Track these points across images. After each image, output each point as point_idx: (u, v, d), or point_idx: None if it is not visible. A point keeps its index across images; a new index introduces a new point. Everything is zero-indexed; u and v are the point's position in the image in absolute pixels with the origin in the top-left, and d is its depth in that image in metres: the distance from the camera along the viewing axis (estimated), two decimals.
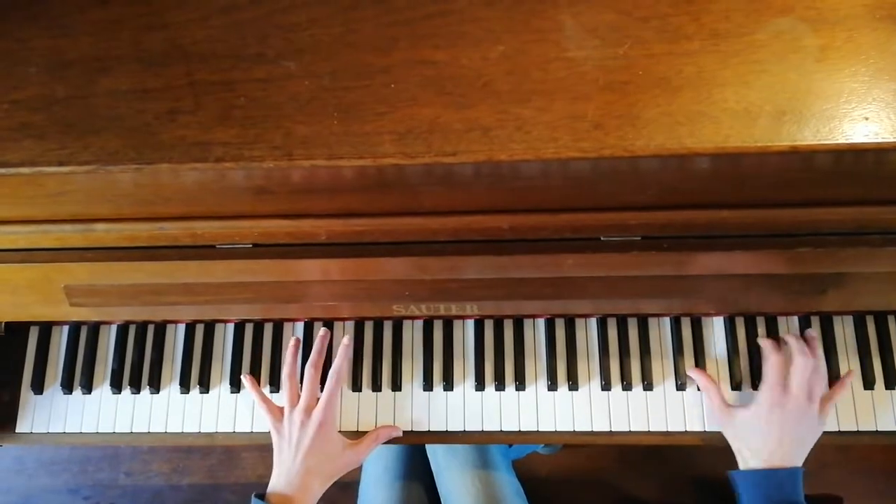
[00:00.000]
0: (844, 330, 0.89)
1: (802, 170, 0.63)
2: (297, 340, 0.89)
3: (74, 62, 0.61)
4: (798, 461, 0.77)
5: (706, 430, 0.87)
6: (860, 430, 0.86)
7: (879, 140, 0.55)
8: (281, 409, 0.85)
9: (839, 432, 0.86)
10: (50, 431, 0.92)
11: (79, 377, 0.93)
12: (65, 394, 0.93)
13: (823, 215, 0.68)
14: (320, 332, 0.90)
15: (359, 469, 1.05)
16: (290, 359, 0.87)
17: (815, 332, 0.86)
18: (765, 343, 0.84)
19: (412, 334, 0.93)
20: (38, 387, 0.92)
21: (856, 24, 0.58)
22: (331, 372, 0.86)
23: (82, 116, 0.60)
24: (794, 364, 0.80)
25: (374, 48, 0.60)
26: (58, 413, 0.93)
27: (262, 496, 0.79)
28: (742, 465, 0.79)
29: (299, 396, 0.85)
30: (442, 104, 0.59)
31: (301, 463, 0.80)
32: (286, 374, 0.86)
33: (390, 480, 0.98)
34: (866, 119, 0.56)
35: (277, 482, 0.81)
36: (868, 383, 0.86)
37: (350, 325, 0.93)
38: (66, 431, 0.92)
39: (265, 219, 0.73)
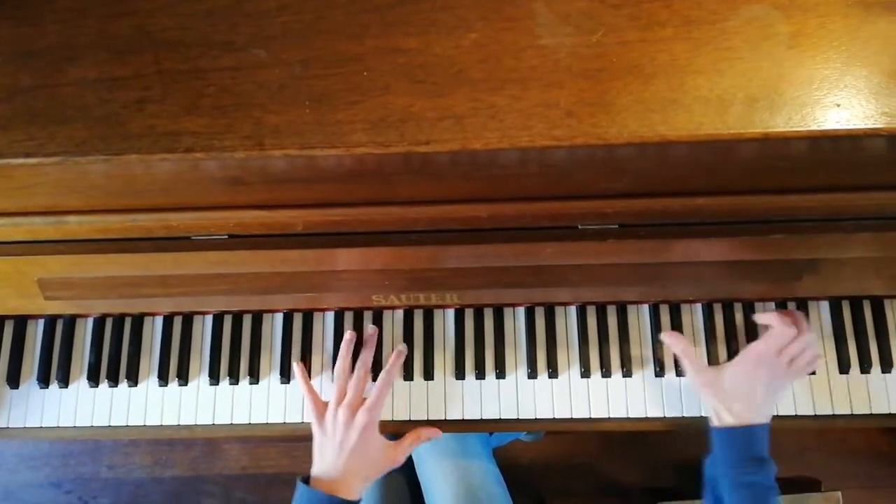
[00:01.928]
0: (820, 315, 0.90)
1: (776, 157, 0.63)
2: (353, 335, 0.87)
3: (40, 51, 0.60)
4: (768, 417, 0.79)
5: (684, 415, 0.88)
6: (836, 413, 0.87)
7: (851, 126, 0.56)
8: (325, 404, 0.84)
9: (815, 416, 0.87)
10: (27, 426, 0.91)
11: (55, 371, 0.92)
12: (41, 388, 0.92)
13: (797, 202, 0.69)
14: (369, 329, 0.89)
15: None
16: (345, 353, 0.85)
17: (797, 311, 0.87)
18: (774, 317, 0.83)
19: (392, 325, 0.92)
20: (13, 381, 0.91)
21: (827, 11, 0.58)
22: (382, 374, 0.84)
23: (49, 106, 0.59)
24: (796, 338, 0.80)
25: (345, 36, 0.59)
26: (34, 407, 0.92)
27: (306, 480, 0.79)
28: (720, 423, 0.79)
29: (346, 393, 0.83)
30: (415, 92, 0.58)
31: (344, 463, 0.79)
32: (340, 370, 0.84)
33: None
34: (838, 106, 0.56)
35: (320, 475, 0.79)
36: (843, 367, 0.87)
37: (330, 315, 0.93)
38: (44, 426, 0.91)
39: (240, 209, 0.72)
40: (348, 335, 0.87)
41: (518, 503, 1.01)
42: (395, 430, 0.90)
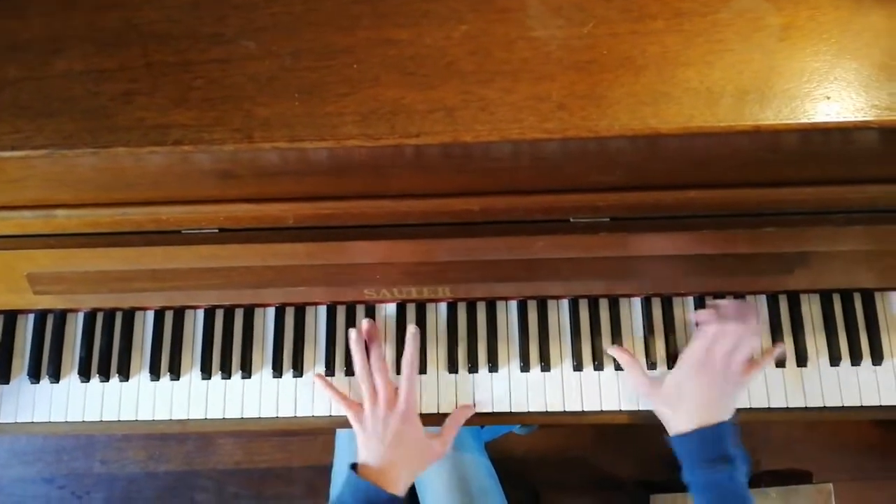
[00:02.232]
0: (811, 308, 0.90)
1: (767, 149, 0.63)
2: (359, 335, 0.86)
3: (27, 43, 0.60)
4: (726, 416, 0.79)
5: None
6: (826, 405, 0.87)
7: (841, 119, 0.56)
8: (360, 405, 0.83)
9: (806, 408, 0.88)
10: (18, 421, 0.91)
11: (46, 366, 0.91)
12: (32, 383, 0.91)
13: (788, 195, 0.69)
14: (365, 324, 0.87)
15: (332, 454, 1.05)
16: (359, 355, 0.85)
17: (752, 302, 0.86)
18: (701, 313, 0.84)
19: (385, 318, 0.92)
20: (3, 376, 0.91)
21: (818, 3, 0.58)
22: (404, 363, 0.84)
23: (36, 99, 0.58)
24: (724, 329, 0.80)
25: (336, 27, 0.59)
26: (25, 403, 0.91)
27: (354, 467, 0.79)
28: (672, 431, 0.80)
29: (375, 390, 0.83)
30: (405, 85, 0.58)
31: (389, 455, 0.79)
32: (361, 370, 0.84)
33: None
34: (828, 98, 0.56)
35: (367, 463, 0.79)
36: (834, 360, 0.88)
37: (322, 309, 0.93)
38: (35, 421, 0.91)
39: (231, 203, 0.72)
40: (354, 335, 0.86)
41: (512, 496, 1.01)
42: None
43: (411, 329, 0.86)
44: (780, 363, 0.88)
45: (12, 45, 0.59)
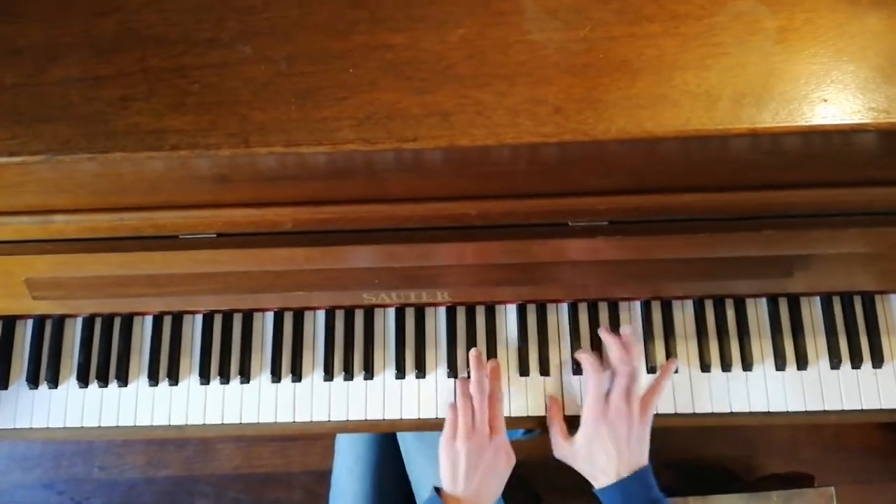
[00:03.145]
0: (812, 311, 0.90)
1: (764, 152, 0.63)
2: (479, 358, 0.86)
3: (23, 49, 0.60)
4: (644, 460, 0.80)
5: (677, 412, 0.88)
6: (827, 409, 0.87)
7: (838, 122, 0.56)
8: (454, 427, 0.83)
9: (807, 412, 0.87)
10: (16, 427, 0.91)
11: (44, 371, 0.91)
12: (30, 389, 0.91)
13: (786, 198, 0.69)
14: (473, 352, 0.86)
15: (331, 459, 1.05)
16: (476, 374, 0.85)
17: (629, 329, 0.86)
18: (583, 360, 0.84)
19: (384, 323, 0.92)
20: (2, 382, 0.91)
21: (815, 6, 0.57)
22: (492, 399, 0.83)
23: (33, 105, 0.58)
24: (614, 376, 0.82)
25: (332, 32, 0.59)
26: (24, 408, 0.91)
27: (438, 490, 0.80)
28: (597, 485, 0.80)
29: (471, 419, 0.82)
30: (402, 89, 0.58)
31: (478, 488, 0.79)
32: (462, 395, 0.84)
33: (362, 471, 0.98)
34: (825, 101, 0.56)
35: (452, 494, 0.79)
36: (834, 363, 0.87)
37: (321, 314, 0.92)
38: (33, 427, 0.91)
39: (228, 208, 0.72)
40: (475, 353, 0.85)
41: (513, 500, 1.01)
42: (382, 429, 0.89)
43: (492, 363, 0.86)
44: (781, 367, 0.87)
45: (9, 51, 0.59)
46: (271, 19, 0.59)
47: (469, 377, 0.86)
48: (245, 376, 0.90)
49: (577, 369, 0.89)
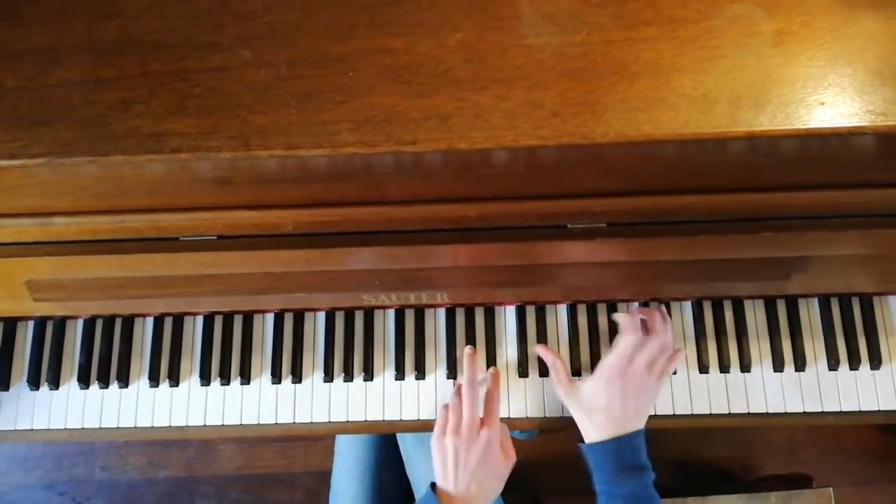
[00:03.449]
0: (810, 312, 0.90)
1: (762, 155, 0.63)
2: (473, 357, 0.86)
3: (25, 52, 0.60)
4: (639, 426, 0.79)
5: (676, 413, 0.88)
6: (825, 410, 0.87)
7: (835, 125, 0.56)
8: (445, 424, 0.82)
9: (805, 413, 0.87)
10: (17, 428, 0.91)
11: (45, 373, 0.91)
12: (32, 390, 0.91)
13: (784, 200, 0.69)
14: (467, 350, 0.86)
15: (332, 460, 1.05)
16: (470, 372, 0.84)
17: (665, 311, 0.86)
18: (622, 319, 0.84)
19: (384, 324, 0.92)
20: (3, 383, 0.91)
21: (812, 9, 0.58)
22: (488, 398, 0.83)
23: (34, 108, 0.58)
24: (647, 339, 0.81)
25: (331, 36, 0.59)
26: (25, 409, 0.91)
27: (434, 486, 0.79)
28: (587, 439, 0.79)
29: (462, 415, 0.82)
30: (400, 92, 0.58)
31: (468, 483, 0.78)
32: (457, 392, 0.83)
33: (361, 472, 0.98)
34: (822, 104, 0.56)
35: (446, 490, 0.79)
36: (833, 364, 0.88)
37: (321, 315, 0.93)
38: (34, 428, 0.91)
39: (229, 210, 0.72)
40: (469, 350, 0.85)
41: (513, 501, 1.01)
42: (381, 430, 0.90)
43: (492, 370, 0.87)
44: (779, 368, 0.88)
45: (10, 54, 0.60)
46: (271, 23, 0.60)
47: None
48: (245, 377, 0.91)
49: (575, 371, 0.89)
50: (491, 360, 0.90)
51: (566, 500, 1.46)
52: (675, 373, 0.88)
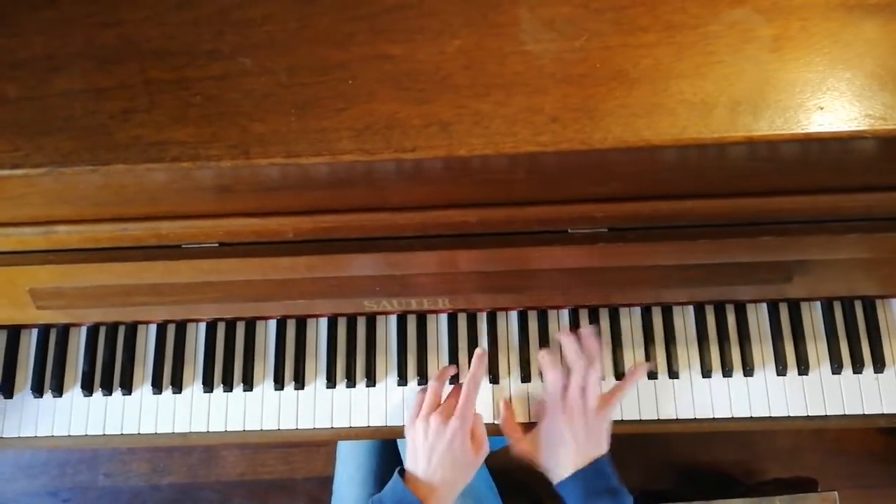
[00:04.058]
0: (812, 316, 0.90)
1: (761, 159, 0.63)
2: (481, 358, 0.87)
3: (26, 62, 0.60)
4: (601, 451, 0.80)
5: (678, 417, 0.88)
6: (828, 414, 0.87)
7: (834, 129, 0.56)
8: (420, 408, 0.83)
9: (808, 417, 0.87)
10: (21, 436, 0.91)
11: (49, 380, 0.92)
12: (35, 397, 0.92)
13: (785, 204, 0.69)
14: (478, 350, 0.87)
15: (333, 466, 1.05)
16: (444, 372, 0.87)
17: (587, 330, 0.86)
18: (542, 360, 0.86)
19: (386, 330, 0.93)
20: (7, 391, 0.91)
21: (809, 14, 0.58)
22: (468, 380, 0.83)
23: (35, 117, 0.59)
24: (570, 375, 0.82)
25: (330, 43, 0.60)
26: (29, 417, 0.92)
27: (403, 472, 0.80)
28: (557, 479, 0.80)
29: (439, 404, 0.83)
30: (400, 99, 0.58)
31: (435, 471, 0.79)
32: (434, 377, 0.85)
33: (363, 478, 0.98)
34: (821, 108, 0.56)
35: (414, 476, 0.79)
36: (836, 368, 0.87)
37: (323, 321, 0.93)
38: (38, 435, 0.91)
39: (230, 217, 0.72)
40: (479, 351, 0.86)
41: None
42: (384, 436, 0.90)
43: (479, 350, 0.87)
44: (782, 372, 0.88)
45: (11, 64, 0.60)
46: (271, 32, 0.60)
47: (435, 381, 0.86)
48: (248, 384, 0.91)
49: (523, 377, 0.89)
50: (493, 365, 0.90)
51: None
52: (676, 376, 0.88)
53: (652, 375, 0.88)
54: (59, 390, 0.91)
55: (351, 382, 0.90)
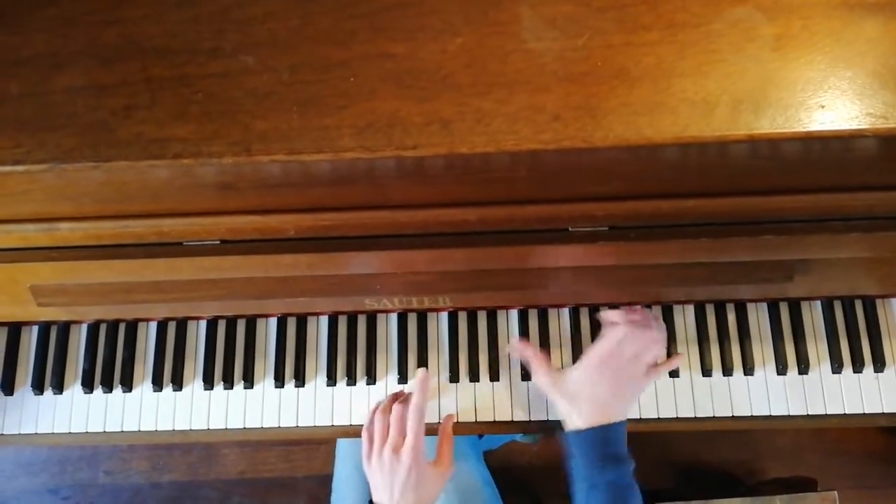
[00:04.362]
0: (813, 315, 0.90)
1: (762, 158, 0.63)
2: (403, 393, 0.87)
3: (28, 59, 0.60)
4: (622, 416, 0.79)
5: (679, 416, 0.88)
6: (828, 413, 0.87)
7: (836, 128, 0.56)
8: (372, 444, 0.82)
9: (808, 416, 0.87)
10: (22, 433, 0.92)
11: (49, 377, 0.92)
12: (36, 394, 0.92)
13: (786, 203, 0.69)
14: (419, 373, 0.85)
15: (332, 464, 1.05)
16: (389, 397, 0.86)
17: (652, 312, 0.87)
18: (615, 314, 0.84)
19: (386, 328, 0.93)
20: (8, 388, 0.92)
21: (811, 13, 0.58)
22: (412, 410, 0.81)
23: (37, 114, 0.59)
24: (634, 331, 0.81)
25: (332, 41, 0.60)
26: (29, 414, 0.92)
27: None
28: (571, 427, 0.79)
29: (388, 433, 0.81)
30: (402, 97, 0.58)
31: (399, 501, 0.78)
32: (380, 410, 0.83)
33: (361, 477, 0.98)
34: (822, 107, 0.56)
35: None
36: (836, 367, 0.87)
37: (324, 319, 0.93)
38: (39, 432, 0.91)
39: (232, 215, 0.73)
40: (421, 374, 0.84)
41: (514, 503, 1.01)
42: None
43: (419, 374, 0.84)
44: (782, 371, 0.88)
45: (14, 61, 0.60)
46: (272, 29, 0.60)
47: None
48: (249, 381, 0.91)
49: (524, 375, 0.89)
50: (494, 364, 0.90)
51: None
52: (676, 375, 0.88)
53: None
54: (59, 387, 0.91)
55: (351, 380, 0.90)
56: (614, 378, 0.79)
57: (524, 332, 0.91)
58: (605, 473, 0.75)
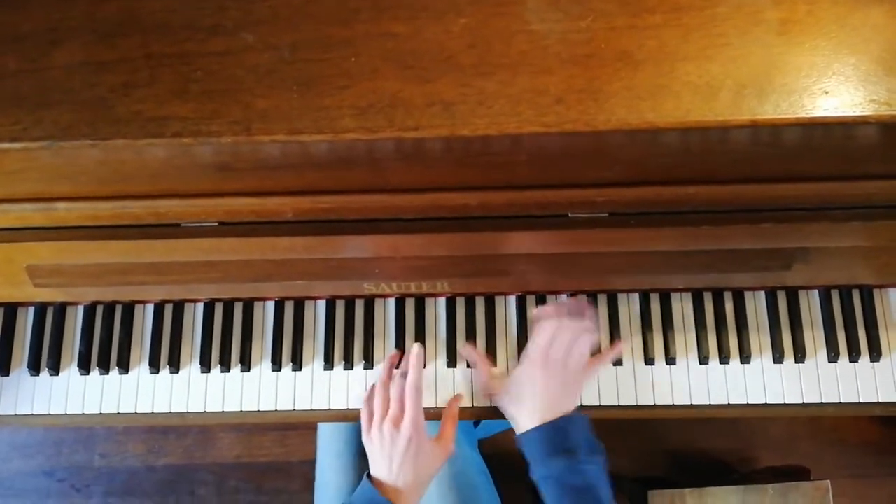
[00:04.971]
0: (810, 304, 0.90)
1: (765, 144, 0.63)
2: (397, 353, 0.88)
3: (26, 35, 0.60)
4: (570, 408, 0.80)
5: (674, 403, 0.88)
6: (824, 402, 0.87)
7: (839, 114, 0.56)
8: (372, 418, 0.83)
9: (804, 404, 0.88)
10: (17, 413, 0.91)
11: (46, 358, 0.92)
12: (32, 375, 0.91)
13: (786, 191, 0.69)
14: (414, 348, 0.85)
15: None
16: (387, 367, 0.86)
17: (583, 297, 0.88)
18: (540, 310, 0.85)
19: (384, 313, 0.93)
20: (3, 369, 0.91)
21: None
22: (408, 386, 0.81)
23: (35, 90, 0.58)
24: (561, 326, 0.81)
25: (334, 20, 0.59)
26: (25, 395, 0.91)
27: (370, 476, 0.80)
28: (521, 429, 0.80)
29: (388, 406, 0.82)
30: (404, 78, 0.58)
31: (397, 475, 0.79)
32: (380, 383, 0.84)
33: (343, 465, 0.98)
34: (826, 93, 0.56)
35: (380, 479, 0.80)
36: (832, 356, 0.88)
37: (322, 303, 0.93)
38: (34, 413, 0.91)
39: (230, 196, 0.72)
40: (416, 349, 0.85)
41: (509, 492, 1.02)
42: None
43: (414, 349, 0.85)
44: (779, 359, 0.88)
45: (12, 37, 0.59)
46: (274, 7, 0.59)
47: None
48: (246, 364, 0.91)
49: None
50: (492, 350, 0.90)
51: None
52: (674, 363, 0.88)
53: (649, 361, 0.89)
54: (55, 369, 0.91)
55: (349, 365, 0.90)
56: (554, 373, 0.80)
57: (522, 319, 0.90)
58: (554, 466, 0.76)
